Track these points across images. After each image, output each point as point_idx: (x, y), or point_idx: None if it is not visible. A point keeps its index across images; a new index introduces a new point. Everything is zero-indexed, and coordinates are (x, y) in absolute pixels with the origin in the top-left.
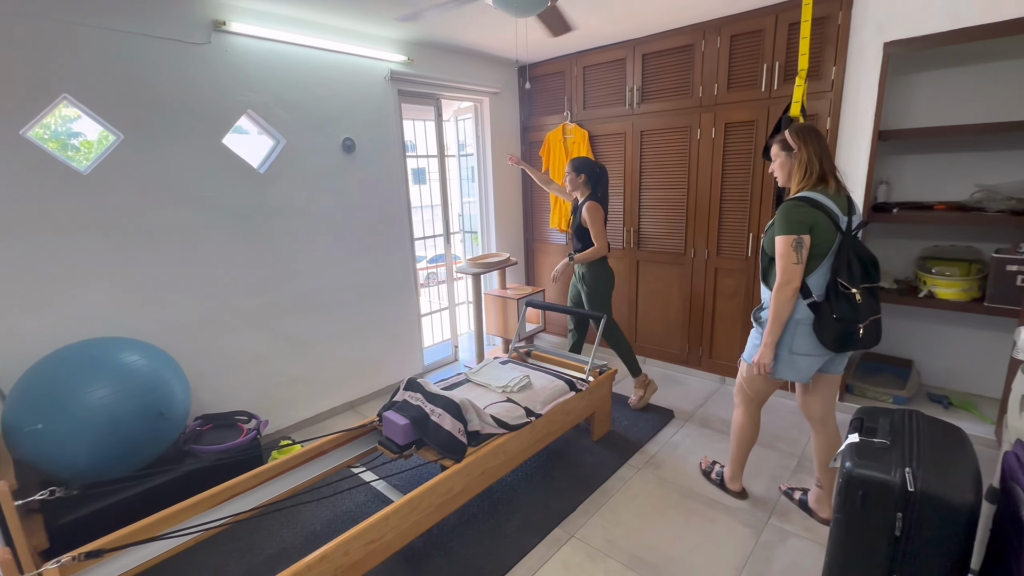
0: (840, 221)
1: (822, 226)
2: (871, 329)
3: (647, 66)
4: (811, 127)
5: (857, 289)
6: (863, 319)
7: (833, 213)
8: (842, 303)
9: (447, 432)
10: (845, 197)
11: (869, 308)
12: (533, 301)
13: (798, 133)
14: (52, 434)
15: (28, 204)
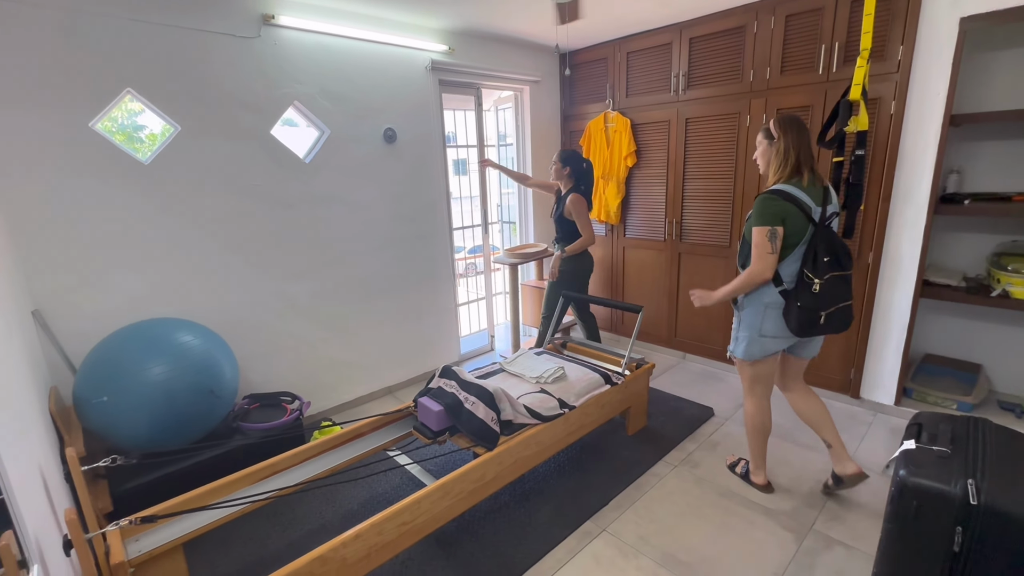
0: (813, 212)
1: (793, 217)
2: (837, 316)
3: (694, 50)
4: (795, 118)
5: (818, 280)
6: (825, 307)
7: (805, 205)
8: (805, 292)
9: (480, 420)
10: (822, 188)
11: (834, 296)
12: (568, 293)
13: (780, 124)
14: (115, 407)
15: (98, 192)
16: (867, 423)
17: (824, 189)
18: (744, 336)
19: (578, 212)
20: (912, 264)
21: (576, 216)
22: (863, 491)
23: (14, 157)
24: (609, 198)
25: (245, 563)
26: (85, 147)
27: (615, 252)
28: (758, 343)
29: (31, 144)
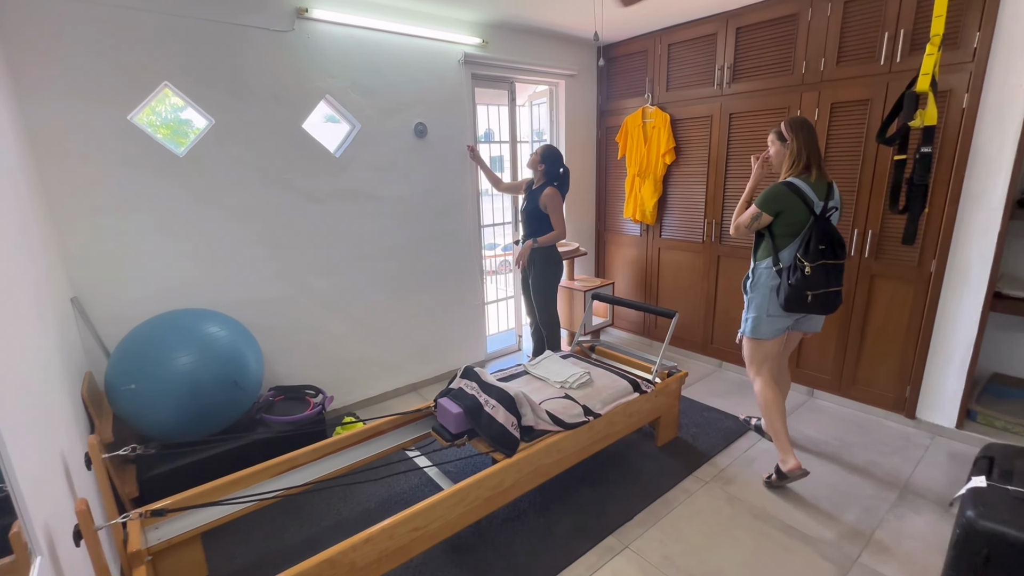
0: (815, 206)
1: (794, 209)
2: (823, 298)
3: (741, 41)
4: (804, 120)
5: (809, 264)
6: (813, 289)
7: (809, 199)
8: (796, 273)
9: (500, 425)
10: (826, 184)
11: (823, 281)
12: (600, 294)
13: (791, 126)
14: (143, 395)
15: (135, 184)
16: (923, 446)
17: (828, 185)
18: (752, 316)
19: (554, 206)
20: (982, 274)
21: (552, 210)
22: (919, 523)
23: (57, 148)
24: (645, 197)
25: (261, 555)
26: (125, 139)
27: (649, 253)
28: (765, 322)
29: (73, 135)
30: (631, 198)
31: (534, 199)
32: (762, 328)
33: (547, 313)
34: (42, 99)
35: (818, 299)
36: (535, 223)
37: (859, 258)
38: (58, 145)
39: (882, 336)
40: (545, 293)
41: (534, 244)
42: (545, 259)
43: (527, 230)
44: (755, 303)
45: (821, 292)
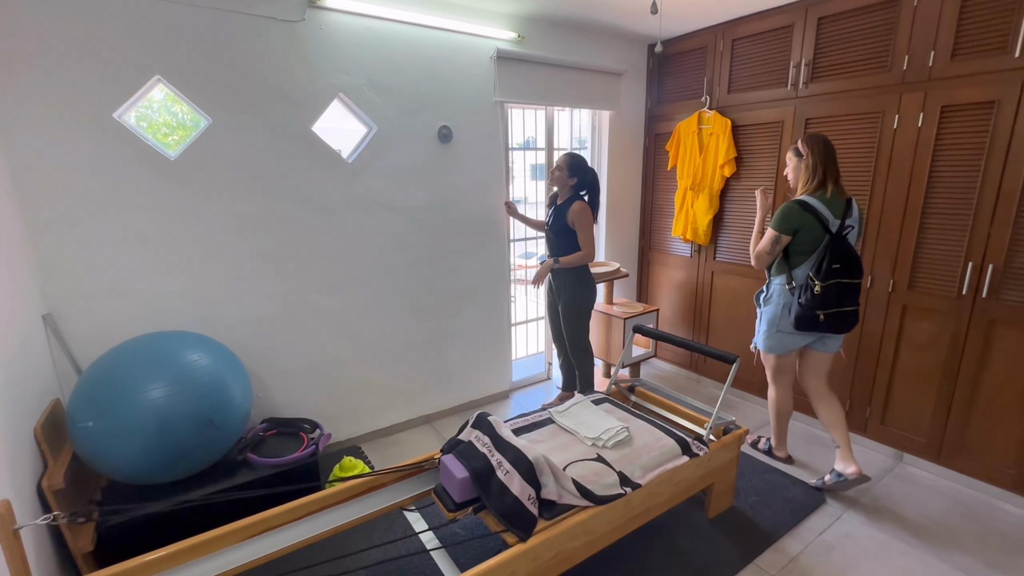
0: (831, 224)
1: (809, 227)
2: (837, 317)
3: (824, 33)
4: (821, 137)
5: (820, 283)
6: (825, 308)
7: (823, 217)
8: (807, 292)
9: (513, 497)
10: (845, 201)
11: (834, 300)
12: (642, 327)
13: (808, 142)
14: (102, 433)
15: (118, 187)
16: None
17: (847, 202)
18: (764, 330)
19: (583, 222)
20: None
21: (580, 226)
22: None
23: (33, 151)
24: (699, 214)
25: None
26: (110, 140)
27: (701, 277)
28: (775, 337)
29: (51, 137)
30: (681, 214)
31: (561, 215)
32: (772, 343)
33: (578, 343)
34: (17, 94)
35: (831, 318)
36: (562, 242)
37: (972, 298)
38: (33, 145)
39: (1002, 396)
40: (576, 321)
41: (555, 264)
42: (576, 281)
43: (553, 250)
44: (767, 318)
45: (833, 311)
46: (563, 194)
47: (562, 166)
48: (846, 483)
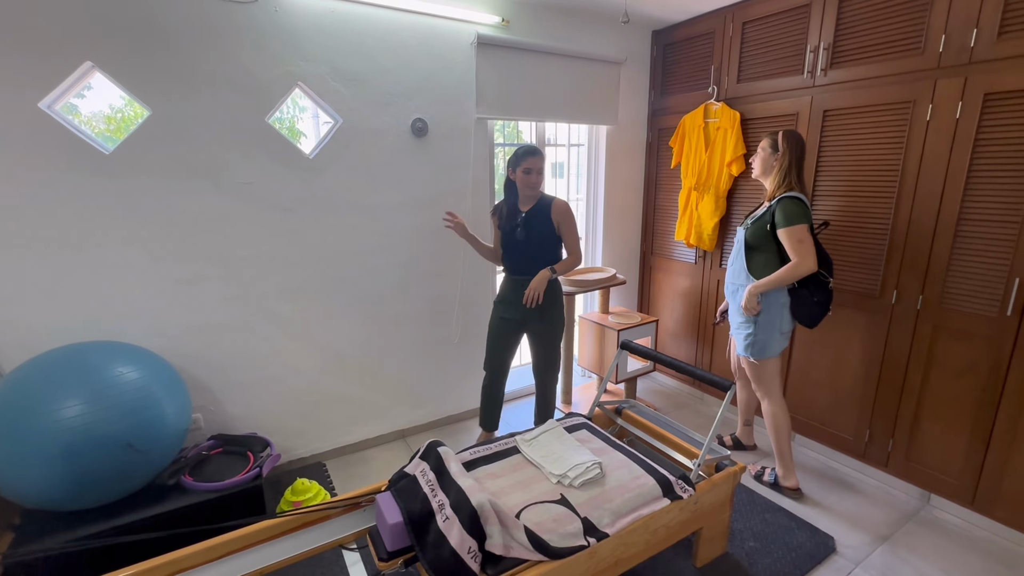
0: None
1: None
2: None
3: (846, 12)
4: (797, 134)
5: (832, 279)
6: (831, 301)
7: (810, 213)
8: (821, 291)
9: (451, 550)
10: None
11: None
12: (630, 344)
13: (787, 139)
14: (2, 456)
15: (46, 183)
16: None
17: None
18: (764, 337)
19: (571, 222)
20: None
21: (570, 227)
22: None
23: None
24: (703, 216)
25: None
26: (34, 132)
27: (706, 285)
28: (778, 341)
29: None
30: (685, 216)
31: (543, 218)
32: (773, 347)
33: (554, 369)
34: None
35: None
36: (548, 249)
37: (1017, 320)
38: None
39: None
40: (559, 340)
41: (553, 274)
42: (558, 292)
43: (536, 261)
44: (765, 323)
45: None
46: (528, 195)
47: (540, 161)
48: (780, 490)
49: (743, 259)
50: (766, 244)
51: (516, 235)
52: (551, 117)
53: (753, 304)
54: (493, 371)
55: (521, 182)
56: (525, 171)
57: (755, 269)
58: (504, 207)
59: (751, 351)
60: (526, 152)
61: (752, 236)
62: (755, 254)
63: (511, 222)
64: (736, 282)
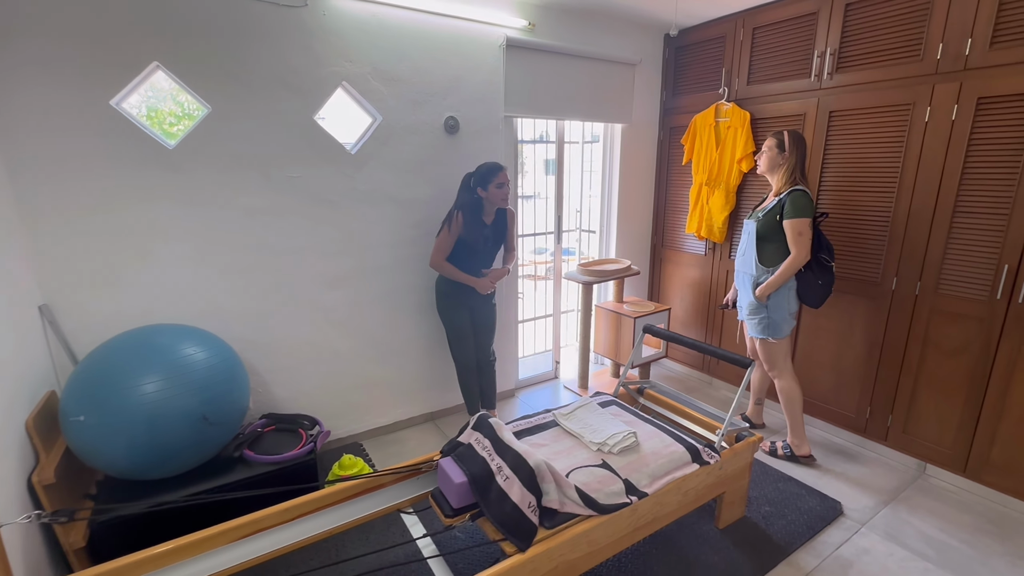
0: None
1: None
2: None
3: (851, 20)
4: (800, 134)
5: (833, 262)
6: (833, 284)
7: (813, 207)
8: (827, 273)
9: (513, 504)
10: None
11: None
12: (653, 327)
13: (793, 139)
14: (93, 428)
15: (117, 177)
16: None
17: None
18: (777, 318)
19: (515, 226)
20: None
21: (513, 230)
22: None
23: (29, 139)
24: (714, 210)
25: None
26: (106, 127)
27: (716, 276)
28: (788, 322)
29: (47, 121)
30: (696, 211)
31: (501, 228)
32: (785, 327)
33: (485, 358)
34: (12, 80)
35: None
36: (498, 248)
37: (1006, 303)
38: (29, 131)
39: None
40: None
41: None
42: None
43: (487, 261)
44: (776, 305)
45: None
46: (497, 205)
47: (505, 176)
48: (796, 459)
49: (754, 249)
50: (775, 234)
51: (488, 246)
52: (570, 116)
53: (764, 293)
54: (470, 357)
55: (496, 196)
56: (498, 186)
57: (765, 258)
58: (473, 223)
59: (767, 332)
60: (498, 168)
61: (763, 227)
62: (765, 244)
63: (480, 233)
64: (746, 271)
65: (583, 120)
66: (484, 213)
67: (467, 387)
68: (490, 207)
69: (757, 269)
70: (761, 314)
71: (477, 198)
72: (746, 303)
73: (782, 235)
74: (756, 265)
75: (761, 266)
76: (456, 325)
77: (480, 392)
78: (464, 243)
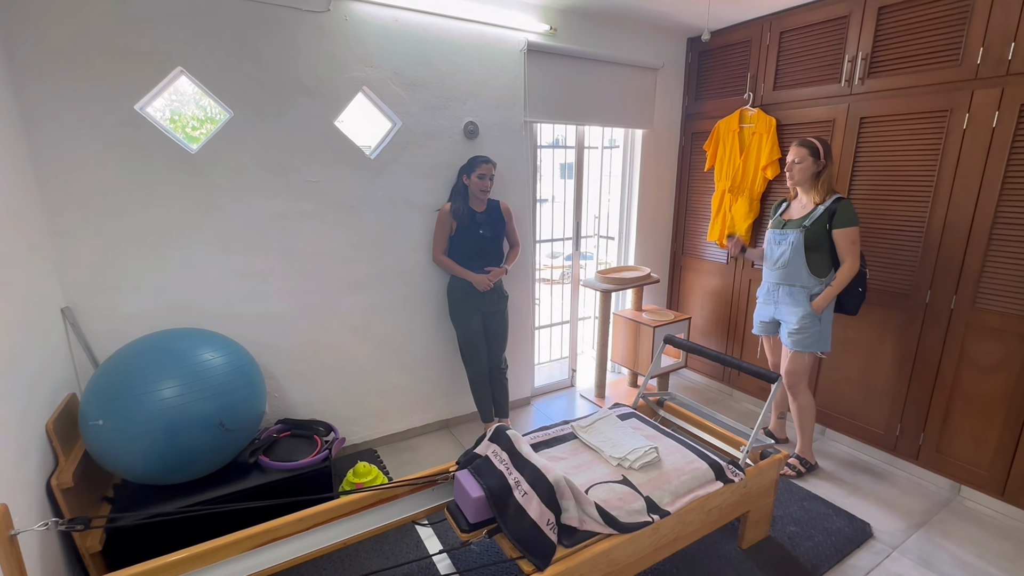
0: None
1: None
2: None
3: (884, 24)
4: (829, 144)
5: (867, 269)
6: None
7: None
8: (863, 280)
9: (531, 521)
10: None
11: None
12: (673, 338)
13: (826, 150)
14: (112, 432)
15: (140, 181)
16: None
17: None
18: (827, 330)
19: (513, 219)
20: None
21: (513, 223)
22: None
23: (54, 143)
24: (737, 217)
25: None
26: (130, 131)
27: (738, 285)
28: (830, 334)
29: (72, 128)
30: (718, 218)
31: (496, 218)
32: (828, 340)
33: (497, 365)
34: (40, 85)
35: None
36: (500, 244)
37: None
38: (54, 137)
39: None
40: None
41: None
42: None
43: (495, 257)
44: (827, 318)
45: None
46: (481, 197)
47: (490, 169)
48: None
49: (803, 259)
50: (822, 243)
51: (482, 233)
52: (591, 121)
53: (823, 305)
54: (483, 364)
55: (476, 186)
56: (480, 176)
57: (814, 268)
58: (461, 209)
59: (819, 345)
60: (481, 160)
61: (811, 237)
62: (812, 254)
63: (472, 220)
64: (796, 283)
65: (604, 126)
66: (471, 200)
67: (480, 395)
68: (474, 196)
69: (811, 280)
70: (815, 327)
71: (463, 185)
72: (794, 317)
73: (828, 244)
74: (808, 275)
75: (815, 277)
76: (468, 331)
77: (492, 400)
78: (458, 233)
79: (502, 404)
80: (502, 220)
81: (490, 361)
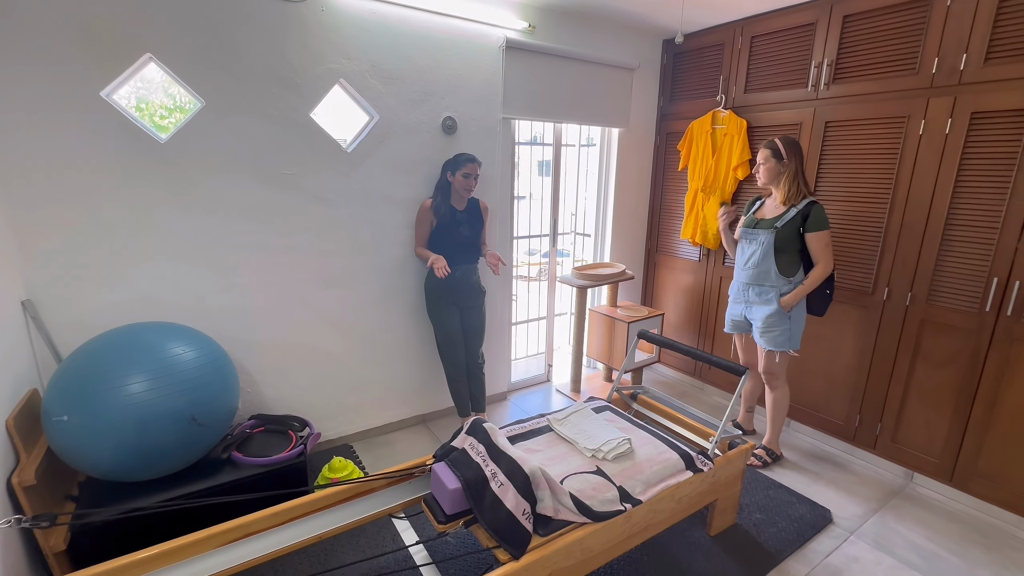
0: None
1: None
2: None
3: (848, 32)
4: (796, 142)
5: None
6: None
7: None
8: (831, 282)
9: (507, 512)
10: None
11: None
12: (647, 333)
13: (787, 147)
14: (78, 428)
15: (106, 171)
16: None
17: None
18: (798, 329)
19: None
20: None
21: (489, 222)
22: None
23: (12, 126)
24: (709, 217)
25: None
26: (95, 119)
27: (709, 282)
28: (801, 332)
29: (34, 114)
30: (691, 217)
31: (476, 216)
32: (800, 337)
33: (474, 359)
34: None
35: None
36: (478, 241)
37: (995, 316)
38: (14, 124)
39: (1022, 419)
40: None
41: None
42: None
43: (473, 252)
44: (798, 317)
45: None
46: (464, 194)
47: (475, 168)
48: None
49: (772, 260)
50: (793, 244)
51: (462, 230)
52: (569, 119)
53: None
54: (460, 359)
55: (460, 184)
56: (464, 175)
57: (783, 269)
58: (442, 206)
59: (790, 343)
60: (467, 159)
61: (783, 238)
62: (781, 255)
63: (452, 219)
64: (766, 283)
65: (581, 123)
66: (453, 197)
67: (457, 390)
68: (457, 194)
69: (779, 280)
70: (784, 325)
71: (447, 182)
72: (763, 316)
73: (798, 245)
74: (777, 275)
75: (783, 277)
76: (445, 327)
77: (469, 395)
78: (438, 230)
79: (479, 399)
80: (481, 219)
81: (467, 356)
